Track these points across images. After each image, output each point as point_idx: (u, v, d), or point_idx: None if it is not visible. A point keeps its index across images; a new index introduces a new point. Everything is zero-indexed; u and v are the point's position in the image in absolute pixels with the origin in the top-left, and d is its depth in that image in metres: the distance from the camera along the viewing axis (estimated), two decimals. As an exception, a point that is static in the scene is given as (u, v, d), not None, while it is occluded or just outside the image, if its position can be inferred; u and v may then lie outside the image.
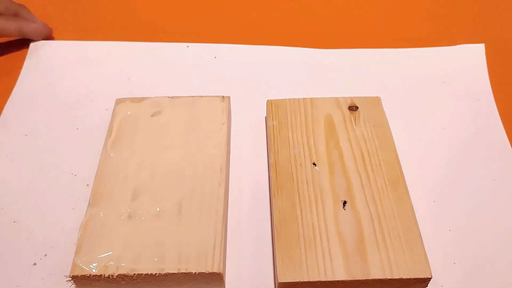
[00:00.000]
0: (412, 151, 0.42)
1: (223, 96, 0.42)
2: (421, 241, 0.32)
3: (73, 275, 0.31)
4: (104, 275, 0.31)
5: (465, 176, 0.40)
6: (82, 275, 0.31)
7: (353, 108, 0.41)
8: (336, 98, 0.42)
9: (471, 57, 0.50)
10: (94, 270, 0.31)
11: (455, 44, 0.51)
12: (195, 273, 0.31)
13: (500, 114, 0.45)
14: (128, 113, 0.40)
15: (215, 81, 0.48)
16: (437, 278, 0.34)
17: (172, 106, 0.41)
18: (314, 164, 0.37)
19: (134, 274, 0.31)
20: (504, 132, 0.43)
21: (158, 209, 0.34)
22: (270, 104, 0.42)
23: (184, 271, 0.31)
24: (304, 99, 0.42)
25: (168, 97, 0.42)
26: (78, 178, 0.40)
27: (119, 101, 0.42)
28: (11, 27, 0.50)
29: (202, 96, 0.42)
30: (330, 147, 0.38)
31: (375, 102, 0.42)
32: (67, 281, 0.32)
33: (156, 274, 0.31)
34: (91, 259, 0.32)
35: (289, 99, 0.42)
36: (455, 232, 0.37)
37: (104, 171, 0.37)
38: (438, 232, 0.36)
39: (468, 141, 0.43)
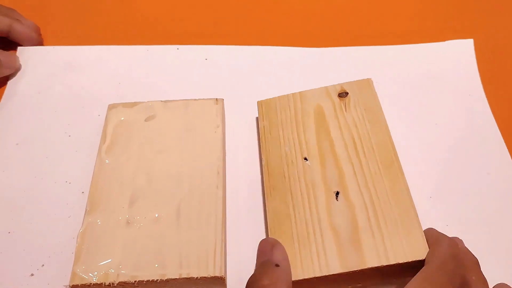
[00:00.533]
0: (406, 148, 0.42)
1: (216, 99, 0.42)
2: (418, 221, 0.31)
3: (73, 285, 0.31)
4: (104, 283, 0.31)
5: (459, 171, 0.40)
6: (82, 284, 0.31)
7: (343, 94, 0.40)
8: (326, 88, 0.41)
9: (460, 52, 0.50)
10: (94, 279, 0.31)
11: (444, 40, 0.51)
12: (197, 277, 0.31)
13: (491, 107, 0.45)
14: (122, 118, 0.40)
15: (207, 83, 0.48)
16: (437, 273, 0.34)
17: (165, 110, 0.41)
18: (305, 159, 0.36)
19: (135, 281, 0.31)
20: (496, 125, 0.44)
21: (156, 214, 0.34)
22: (260, 105, 0.41)
23: (185, 276, 0.31)
24: (293, 94, 0.41)
25: (161, 101, 0.41)
26: (73, 185, 0.39)
27: (111, 107, 0.41)
28: (3, 24, 0.48)
29: (195, 99, 0.42)
30: (321, 139, 0.37)
31: (366, 84, 0.40)
32: None
33: (157, 280, 0.31)
34: (91, 267, 0.31)
35: (279, 96, 0.41)
36: (452, 226, 0.37)
37: (99, 178, 0.36)
38: (435, 227, 0.37)
39: (461, 136, 0.43)
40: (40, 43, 0.52)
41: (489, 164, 0.41)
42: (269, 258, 0.30)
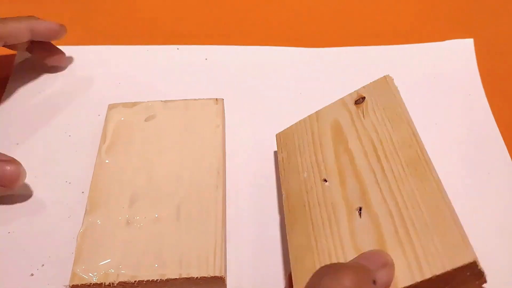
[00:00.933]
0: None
1: (216, 99, 0.42)
2: (454, 220, 0.25)
3: (73, 285, 0.31)
4: (104, 283, 0.31)
5: (460, 170, 0.40)
6: (82, 284, 0.31)
7: (359, 101, 0.35)
8: (342, 99, 0.37)
9: (460, 52, 0.50)
10: (94, 279, 0.31)
11: (444, 40, 0.51)
12: (197, 277, 0.31)
13: (491, 107, 0.45)
14: (122, 118, 0.40)
15: (207, 83, 0.48)
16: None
17: (165, 110, 0.41)
18: (324, 180, 0.33)
19: (135, 281, 0.31)
20: (496, 125, 0.44)
21: (156, 214, 0.34)
22: (278, 137, 0.39)
23: (185, 276, 0.31)
24: (310, 116, 0.38)
25: (161, 101, 0.41)
26: (73, 185, 0.39)
27: (111, 107, 0.41)
28: (21, 28, 0.44)
29: (195, 99, 0.42)
30: (339, 154, 0.33)
31: (383, 82, 0.35)
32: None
33: (157, 280, 0.31)
34: (91, 267, 0.31)
35: (296, 123, 0.38)
36: (452, 226, 0.37)
37: (99, 178, 0.36)
38: (435, 227, 0.37)
39: (461, 136, 0.43)
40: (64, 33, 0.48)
41: (489, 164, 0.41)
42: (372, 268, 0.24)
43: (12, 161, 0.36)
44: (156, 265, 0.31)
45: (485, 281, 0.24)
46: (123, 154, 0.38)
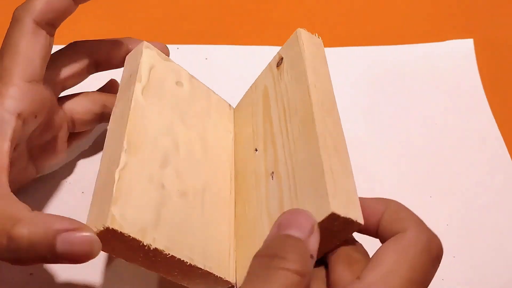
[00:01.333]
0: (406, 148, 0.42)
1: (230, 105, 0.40)
2: (326, 175, 0.25)
3: (107, 228, 0.24)
4: (142, 242, 0.25)
5: (460, 170, 0.40)
6: (120, 232, 0.24)
7: (279, 62, 0.35)
8: (269, 63, 0.36)
9: (460, 52, 0.50)
10: (132, 231, 0.25)
11: (444, 40, 0.51)
12: (217, 276, 0.28)
13: (491, 107, 0.45)
14: (156, 65, 0.35)
15: (207, 83, 0.48)
16: (438, 272, 0.34)
17: (191, 86, 0.37)
18: (256, 149, 0.33)
19: (169, 254, 0.26)
20: (496, 125, 0.44)
21: (185, 190, 0.30)
22: (234, 112, 0.39)
23: (208, 270, 0.28)
24: (251, 87, 0.38)
25: (188, 72, 0.38)
26: (73, 185, 0.39)
27: (146, 46, 0.35)
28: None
29: (214, 93, 0.39)
30: (265, 122, 0.33)
31: (295, 39, 0.34)
32: (91, 234, 0.24)
33: (187, 262, 0.27)
34: (129, 216, 0.25)
35: (244, 95, 0.39)
36: (452, 226, 0.37)
37: (137, 119, 0.30)
38: (436, 227, 0.36)
39: (461, 136, 0.43)
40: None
41: (489, 164, 0.41)
42: (304, 240, 0.22)
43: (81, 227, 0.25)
44: (186, 247, 0.27)
45: (359, 225, 0.25)
46: (155, 106, 0.32)
